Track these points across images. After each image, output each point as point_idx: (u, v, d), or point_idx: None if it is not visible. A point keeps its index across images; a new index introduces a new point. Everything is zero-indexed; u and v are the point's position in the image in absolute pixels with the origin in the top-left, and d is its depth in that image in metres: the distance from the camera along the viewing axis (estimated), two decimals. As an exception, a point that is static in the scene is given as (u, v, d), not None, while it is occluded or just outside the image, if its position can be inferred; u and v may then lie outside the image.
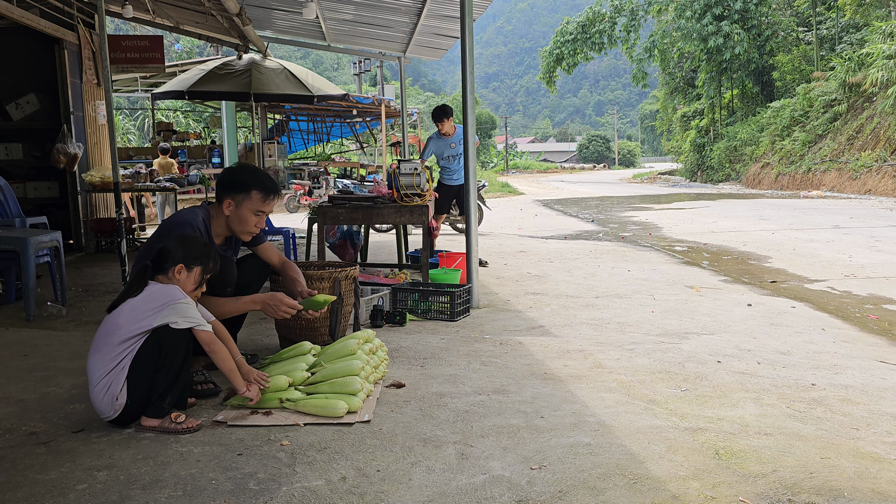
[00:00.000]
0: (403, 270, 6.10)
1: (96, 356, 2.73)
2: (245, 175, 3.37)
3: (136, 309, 2.72)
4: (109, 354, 2.70)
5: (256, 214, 3.33)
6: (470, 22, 5.16)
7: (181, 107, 28.88)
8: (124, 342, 2.70)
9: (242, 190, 3.30)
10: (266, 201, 3.33)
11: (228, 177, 3.38)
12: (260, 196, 3.31)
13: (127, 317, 2.72)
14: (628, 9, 34.64)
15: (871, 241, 9.14)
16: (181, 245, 2.90)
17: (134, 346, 2.71)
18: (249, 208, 3.30)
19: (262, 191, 3.31)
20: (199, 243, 2.98)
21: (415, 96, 75.97)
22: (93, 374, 2.72)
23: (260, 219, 3.36)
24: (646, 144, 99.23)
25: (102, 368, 2.70)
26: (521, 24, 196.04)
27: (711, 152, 32.66)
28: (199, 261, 2.90)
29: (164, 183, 8.87)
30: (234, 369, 2.88)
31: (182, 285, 2.85)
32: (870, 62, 21.34)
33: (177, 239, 2.94)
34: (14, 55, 8.43)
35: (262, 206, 3.32)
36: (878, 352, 3.93)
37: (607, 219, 14.15)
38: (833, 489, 2.22)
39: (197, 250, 2.92)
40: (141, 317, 2.71)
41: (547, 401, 3.08)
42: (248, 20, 8.75)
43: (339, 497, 2.20)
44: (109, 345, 2.71)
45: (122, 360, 2.70)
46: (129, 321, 2.71)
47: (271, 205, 3.37)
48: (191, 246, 2.92)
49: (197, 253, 2.91)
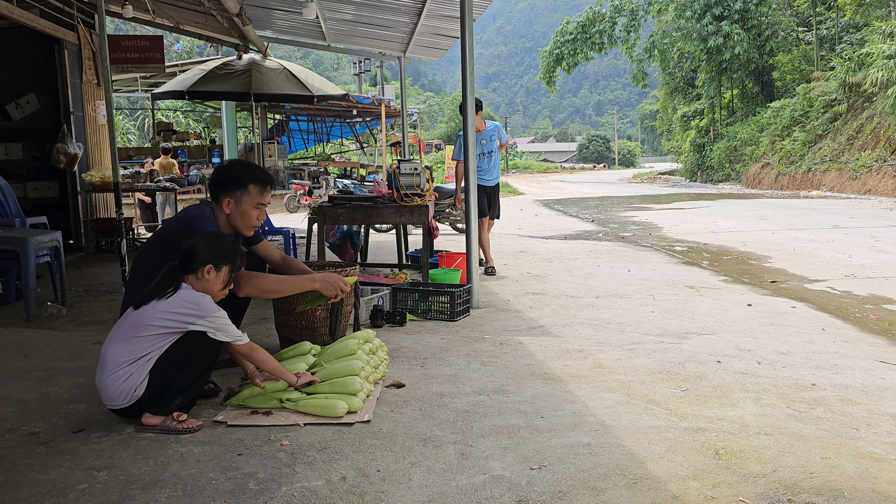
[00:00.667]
0: (403, 270, 6.10)
1: (121, 345, 2.73)
2: (238, 170, 3.37)
3: (169, 311, 2.73)
4: (137, 346, 2.71)
5: (257, 208, 3.35)
6: (470, 22, 5.16)
7: (181, 107, 28.87)
8: (155, 336, 2.72)
9: (239, 186, 3.30)
10: (263, 193, 3.35)
11: (222, 175, 3.37)
12: (257, 188, 3.32)
13: (160, 315, 2.72)
14: (628, 9, 34.63)
15: (871, 241, 9.14)
16: (208, 244, 2.88)
17: (165, 343, 2.73)
18: (249, 203, 3.32)
19: (258, 183, 3.33)
20: (227, 241, 2.96)
21: (415, 96, 75.96)
22: (112, 361, 2.72)
23: (261, 212, 3.38)
24: (646, 144, 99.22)
25: (126, 357, 2.71)
26: (521, 24, 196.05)
27: (711, 152, 32.66)
28: (227, 260, 2.90)
29: (164, 183, 8.87)
30: (280, 367, 2.98)
31: (211, 285, 2.86)
32: (870, 62, 21.34)
33: (204, 237, 2.92)
34: (14, 55, 8.43)
35: (260, 199, 3.34)
36: (878, 352, 3.93)
37: (607, 219, 14.15)
38: (833, 489, 2.22)
39: (224, 249, 2.91)
40: (175, 318, 2.73)
41: (547, 401, 3.08)
42: (248, 20, 8.75)
43: (339, 497, 2.20)
44: (138, 337, 2.72)
45: (150, 353, 2.72)
46: (161, 319, 2.72)
47: (269, 196, 3.40)
48: (218, 245, 2.90)
49: (224, 252, 2.90)
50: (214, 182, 3.36)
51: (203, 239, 2.91)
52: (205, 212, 3.29)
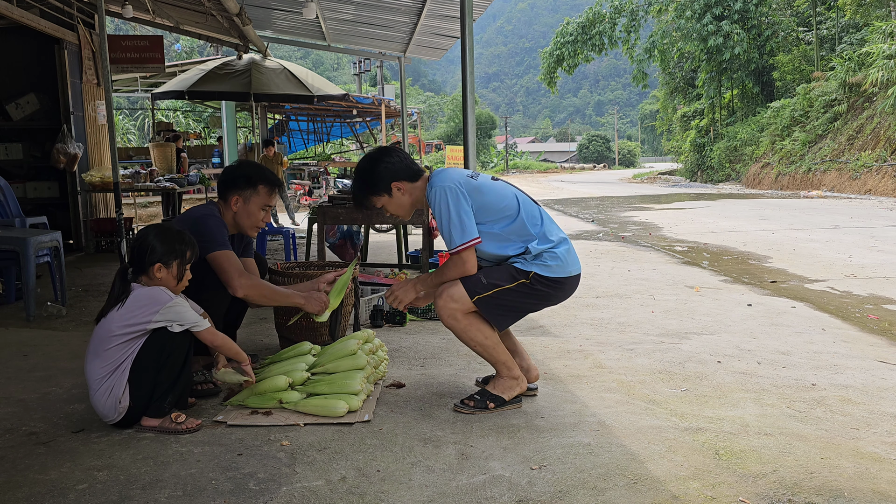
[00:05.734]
0: (403, 270, 6.09)
1: (95, 361, 2.72)
2: (249, 171, 3.45)
3: (126, 316, 2.69)
4: (109, 358, 2.69)
5: (263, 209, 3.43)
6: (470, 22, 5.16)
7: (181, 107, 28.88)
8: (121, 345, 2.69)
9: (249, 185, 3.37)
10: (272, 195, 3.44)
11: (232, 173, 3.44)
12: (266, 190, 3.41)
13: (119, 322, 2.69)
14: (628, 9, 34.65)
15: (871, 241, 9.14)
16: (155, 240, 2.80)
17: (133, 348, 2.70)
18: (257, 203, 3.39)
19: (268, 185, 3.42)
20: (173, 235, 2.86)
21: (415, 96, 75.98)
22: (92, 379, 2.71)
23: (266, 213, 3.47)
24: (646, 144, 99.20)
25: (102, 371, 2.69)
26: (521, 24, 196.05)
27: (711, 152, 32.65)
28: (174, 255, 2.81)
29: (164, 183, 8.87)
30: (240, 351, 2.94)
31: (165, 283, 2.80)
32: (870, 62, 21.34)
33: (150, 234, 2.83)
34: (14, 55, 8.43)
35: (268, 200, 3.43)
36: (878, 352, 3.93)
37: (607, 219, 14.15)
38: (833, 489, 2.22)
39: (170, 244, 2.81)
40: (133, 322, 2.68)
41: (547, 401, 3.08)
42: (248, 20, 8.75)
43: (339, 497, 2.20)
44: (107, 350, 2.69)
45: (123, 362, 2.70)
46: (121, 327, 2.69)
47: (276, 198, 3.51)
48: (164, 241, 2.81)
49: (171, 247, 2.81)
50: (224, 180, 3.42)
51: (149, 236, 2.82)
52: (213, 212, 3.35)
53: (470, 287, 2.90)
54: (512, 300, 2.92)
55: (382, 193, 3.06)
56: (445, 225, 2.90)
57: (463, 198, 2.89)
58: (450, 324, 2.96)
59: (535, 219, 2.99)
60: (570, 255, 3.00)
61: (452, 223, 2.87)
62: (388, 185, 3.04)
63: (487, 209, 2.94)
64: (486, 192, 2.96)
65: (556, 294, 3.01)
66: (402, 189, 3.05)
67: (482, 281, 2.91)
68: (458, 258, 2.90)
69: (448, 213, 2.88)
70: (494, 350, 2.97)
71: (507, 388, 2.98)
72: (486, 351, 2.98)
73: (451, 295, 2.91)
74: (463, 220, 2.87)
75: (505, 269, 2.93)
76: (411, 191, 3.06)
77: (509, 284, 2.90)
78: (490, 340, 2.96)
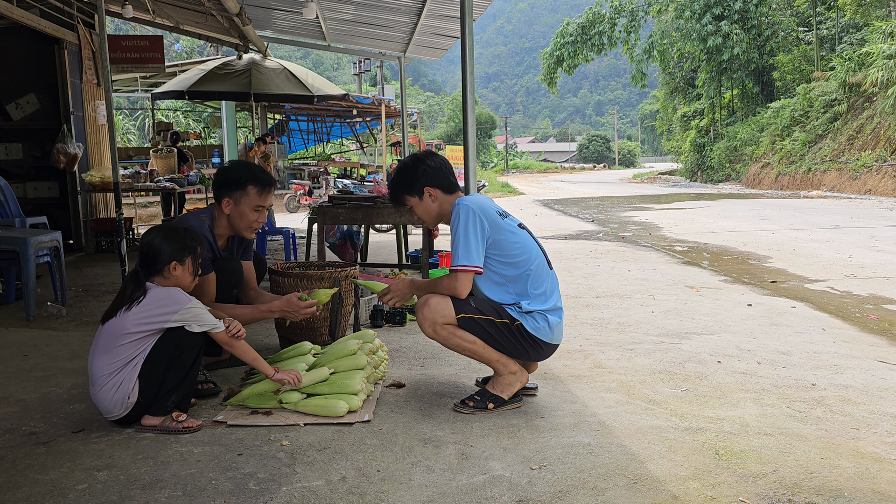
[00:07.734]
0: (403, 270, 6.09)
1: (102, 357, 2.71)
2: (238, 171, 3.40)
3: (143, 313, 2.70)
4: (120, 354, 2.70)
5: (256, 210, 3.36)
6: (470, 22, 5.15)
7: (181, 107, 28.87)
8: (134, 342, 2.70)
9: (238, 187, 3.33)
10: (262, 195, 3.36)
11: (222, 176, 3.41)
12: (256, 190, 3.34)
13: (134, 320, 2.70)
14: (628, 9, 34.66)
15: (871, 241, 9.14)
16: (165, 240, 2.83)
17: (146, 345, 2.72)
18: (247, 204, 3.34)
19: (258, 184, 3.35)
20: (180, 232, 2.90)
21: (415, 96, 75.93)
22: (98, 374, 2.71)
23: (260, 214, 3.39)
24: (646, 144, 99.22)
25: (112, 367, 2.69)
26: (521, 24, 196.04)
27: (711, 152, 32.67)
28: (187, 251, 2.84)
29: (164, 183, 8.87)
30: (259, 358, 2.94)
31: (181, 280, 2.83)
32: (870, 62, 21.35)
33: (158, 235, 2.85)
34: (14, 55, 8.43)
35: (259, 201, 3.36)
36: (878, 352, 3.93)
37: (607, 219, 14.15)
38: (833, 489, 2.22)
39: (180, 241, 2.85)
40: (151, 320, 2.70)
41: (547, 401, 3.08)
42: (248, 20, 8.75)
43: (339, 497, 2.20)
44: (118, 346, 2.70)
45: (135, 358, 2.71)
46: (136, 324, 2.69)
47: (269, 198, 3.41)
48: (174, 239, 2.84)
49: (182, 245, 2.84)
50: (216, 182, 3.40)
51: (158, 237, 2.84)
52: (203, 221, 3.33)
53: (458, 304, 2.93)
54: (492, 330, 2.93)
55: (414, 194, 3.09)
56: (455, 241, 2.92)
57: (481, 225, 2.90)
58: (430, 334, 2.98)
59: (540, 281, 2.98)
60: (557, 327, 3.00)
61: (462, 243, 2.89)
62: (421, 188, 3.07)
63: (500, 250, 2.94)
64: (504, 234, 2.96)
65: (529, 349, 2.98)
66: (433, 196, 3.07)
67: (471, 304, 2.94)
68: (455, 277, 2.92)
69: (464, 231, 2.89)
70: (484, 350, 2.97)
71: (506, 386, 2.98)
72: (476, 353, 2.99)
73: (431, 306, 2.93)
74: (470, 245, 2.88)
75: (495, 306, 2.95)
76: (442, 201, 3.08)
77: (495, 318, 2.93)
78: (475, 344, 2.96)
